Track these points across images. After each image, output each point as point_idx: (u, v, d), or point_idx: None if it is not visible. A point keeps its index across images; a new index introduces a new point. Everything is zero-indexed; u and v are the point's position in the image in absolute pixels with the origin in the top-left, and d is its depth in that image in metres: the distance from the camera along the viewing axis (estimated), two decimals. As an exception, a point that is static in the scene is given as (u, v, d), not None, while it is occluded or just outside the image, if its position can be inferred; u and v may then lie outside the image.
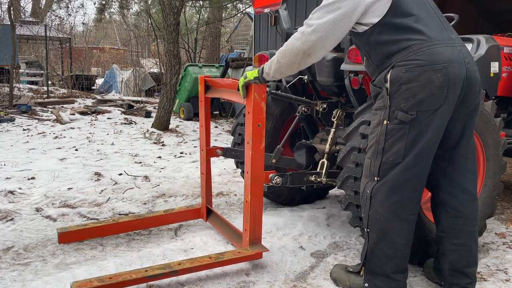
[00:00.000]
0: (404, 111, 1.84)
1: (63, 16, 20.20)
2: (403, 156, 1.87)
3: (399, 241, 1.95)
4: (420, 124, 1.84)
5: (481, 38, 3.36)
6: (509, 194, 4.03)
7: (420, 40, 1.83)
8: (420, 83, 1.80)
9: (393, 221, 1.93)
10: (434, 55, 1.81)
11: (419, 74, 1.80)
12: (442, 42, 1.85)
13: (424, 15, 1.89)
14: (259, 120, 2.25)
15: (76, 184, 3.93)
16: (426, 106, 1.82)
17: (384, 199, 1.92)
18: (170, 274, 2.15)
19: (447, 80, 1.81)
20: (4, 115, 7.66)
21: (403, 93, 1.83)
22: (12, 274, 2.28)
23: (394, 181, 1.90)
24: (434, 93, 1.81)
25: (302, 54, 1.90)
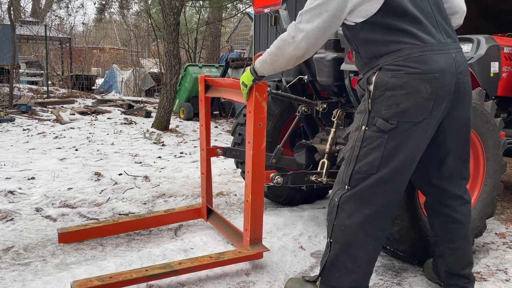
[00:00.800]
0: (384, 118, 1.72)
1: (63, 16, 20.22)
2: (377, 167, 1.75)
3: (362, 256, 1.84)
4: (400, 136, 1.72)
5: (481, 38, 3.36)
6: (509, 194, 4.03)
7: (411, 45, 1.71)
8: (406, 92, 1.69)
9: (359, 235, 1.81)
10: (425, 63, 1.69)
11: (407, 81, 1.69)
12: (436, 48, 1.74)
13: (420, 14, 1.76)
14: (260, 119, 2.25)
15: (76, 184, 3.93)
16: (409, 117, 1.70)
17: (353, 211, 1.81)
18: (170, 274, 2.15)
19: (435, 92, 1.70)
20: (4, 115, 7.66)
21: (386, 99, 1.72)
22: (12, 274, 2.28)
23: (365, 194, 1.79)
24: (420, 105, 1.69)
25: (295, 58, 1.87)
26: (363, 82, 1.84)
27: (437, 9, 1.84)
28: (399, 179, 1.80)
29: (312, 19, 1.76)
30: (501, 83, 3.38)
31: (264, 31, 8.24)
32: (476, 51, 3.30)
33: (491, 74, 3.29)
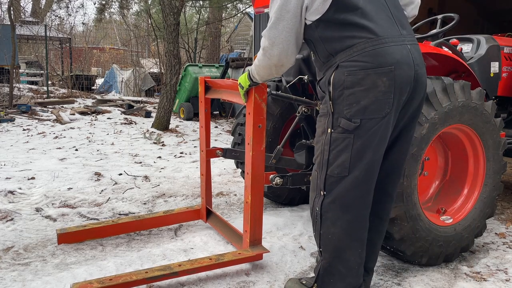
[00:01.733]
0: (347, 118, 1.70)
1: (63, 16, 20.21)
2: (348, 169, 1.74)
3: (353, 260, 1.86)
4: (366, 133, 1.70)
5: (481, 38, 3.36)
6: (509, 194, 4.03)
7: (365, 39, 1.67)
8: (364, 88, 1.66)
9: (346, 240, 1.82)
10: (379, 57, 1.66)
11: (363, 77, 1.66)
12: (391, 40, 1.70)
13: (371, 8, 1.72)
14: (260, 121, 2.25)
15: (76, 184, 3.93)
16: (371, 113, 1.68)
17: (336, 218, 1.80)
18: (170, 276, 2.16)
19: (393, 84, 1.67)
20: (4, 115, 7.66)
21: (346, 98, 1.69)
22: (12, 274, 2.28)
23: (345, 199, 1.78)
24: (379, 99, 1.67)
25: (274, 67, 1.87)
26: (323, 83, 1.81)
27: (391, 1, 1.82)
28: (372, 177, 1.80)
29: (276, 24, 1.77)
30: (501, 83, 3.38)
31: (264, 31, 8.22)
32: (476, 51, 3.31)
33: (491, 74, 3.30)
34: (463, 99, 2.42)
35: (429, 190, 2.79)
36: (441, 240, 2.44)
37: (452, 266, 2.54)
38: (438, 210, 2.64)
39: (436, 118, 2.30)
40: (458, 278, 2.40)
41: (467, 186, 2.68)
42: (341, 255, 1.84)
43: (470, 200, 2.65)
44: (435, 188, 2.79)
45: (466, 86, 2.46)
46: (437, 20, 3.23)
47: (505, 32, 3.90)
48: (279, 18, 1.76)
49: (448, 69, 2.85)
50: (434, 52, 2.60)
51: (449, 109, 2.35)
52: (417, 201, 2.34)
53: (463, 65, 2.76)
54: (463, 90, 2.44)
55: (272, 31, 1.77)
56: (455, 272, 2.47)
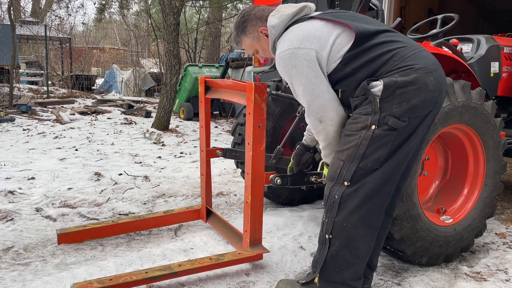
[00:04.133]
0: (396, 116, 1.74)
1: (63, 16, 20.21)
2: (382, 162, 1.78)
3: (363, 247, 1.88)
4: (408, 131, 1.77)
5: (481, 38, 3.36)
6: (509, 194, 4.03)
7: (401, 48, 1.79)
8: (416, 87, 1.73)
9: (361, 228, 1.84)
10: (422, 59, 1.77)
11: (416, 77, 1.73)
12: (417, 47, 1.83)
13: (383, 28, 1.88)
14: (260, 121, 2.25)
15: (76, 184, 3.93)
16: (419, 111, 1.76)
17: (356, 207, 1.82)
18: (170, 276, 2.15)
19: (438, 83, 1.77)
20: (4, 115, 7.66)
21: (397, 97, 1.74)
22: (12, 274, 2.28)
23: (370, 189, 1.80)
24: (428, 97, 1.75)
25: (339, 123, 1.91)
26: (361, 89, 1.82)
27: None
28: (399, 170, 1.85)
29: (312, 92, 1.84)
30: (501, 83, 3.39)
31: (264, 31, 8.22)
32: (476, 51, 3.31)
33: (491, 74, 3.30)
34: (463, 99, 2.42)
35: (429, 190, 2.78)
36: (441, 240, 2.44)
37: (452, 266, 2.54)
38: (438, 210, 2.64)
39: (436, 118, 2.30)
40: (458, 278, 2.40)
41: (467, 186, 2.68)
42: (352, 244, 1.86)
43: (470, 200, 2.65)
44: (435, 188, 2.79)
45: (466, 86, 2.46)
46: (437, 20, 3.23)
47: (505, 32, 3.90)
48: (314, 87, 1.83)
49: (448, 69, 2.85)
50: (434, 52, 2.59)
51: (449, 109, 2.35)
52: (417, 201, 2.34)
53: (463, 65, 2.76)
54: (463, 90, 2.44)
55: (314, 101, 1.85)
56: (455, 272, 2.47)
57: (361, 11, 2.51)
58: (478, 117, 2.51)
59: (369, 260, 2.07)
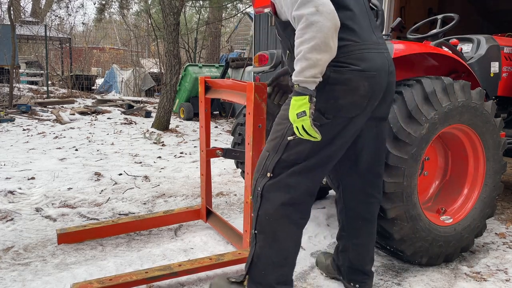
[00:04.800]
0: (321, 112, 1.68)
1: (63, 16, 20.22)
2: (304, 157, 1.73)
3: (289, 245, 1.83)
4: (332, 130, 1.72)
5: (481, 38, 3.36)
6: (509, 194, 4.03)
7: (353, 42, 1.68)
8: (346, 88, 1.67)
9: (283, 222, 1.79)
10: (366, 61, 1.68)
11: (349, 78, 1.67)
12: (373, 47, 1.72)
13: (358, 12, 1.71)
14: (260, 121, 2.25)
15: (76, 184, 3.93)
16: (344, 112, 1.70)
17: (277, 200, 1.77)
18: (170, 276, 2.16)
19: (371, 90, 1.70)
20: (4, 115, 7.66)
21: (325, 93, 1.67)
22: (12, 274, 2.28)
23: (289, 181, 1.76)
24: (356, 101, 1.69)
25: (335, 31, 1.58)
26: None
27: (368, 8, 1.81)
28: (322, 169, 1.80)
29: None
30: (501, 83, 3.38)
31: (264, 31, 8.24)
32: (476, 51, 3.31)
33: (491, 74, 3.29)
34: (463, 99, 2.42)
35: (429, 190, 2.78)
36: (441, 240, 2.44)
37: (452, 266, 2.54)
38: (438, 210, 2.64)
39: (436, 118, 2.31)
40: (458, 278, 2.40)
41: (467, 186, 2.68)
42: (276, 240, 1.80)
43: (470, 200, 2.65)
44: (435, 188, 2.79)
45: (466, 86, 2.46)
46: (437, 20, 3.23)
47: (505, 32, 3.90)
48: None
49: (448, 69, 2.85)
50: (434, 52, 2.59)
51: (449, 109, 2.35)
52: (417, 201, 2.34)
53: (463, 65, 2.76)
54: (463, 90, 2.44)
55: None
56: (455, 272, 2.47)
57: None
58: (478, 117, 2.51)
59: (360, 266, 2.09)
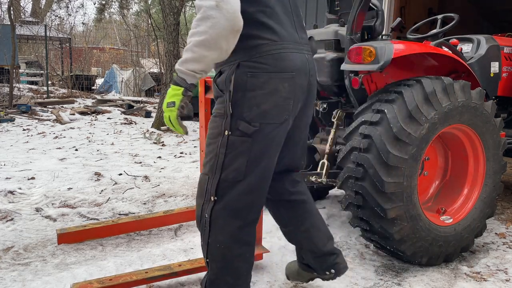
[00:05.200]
0: (246, 121, 1.59)
1: (63, 16, 20.23)
2: (244, 173, 1.63)
3: (242, 266, 1.75)
4: (264, 138, 1.63)
5: (481, 38, 3.36)
6: (509, 194, 4.03)
7: (270, 41, 1.59)
8: (266, 92, 1.58)
9: (235, 248, 1.70)
10: (282, 61, 1.60)
11: (266, 81, 1.58)
12: (293, 47, 1.64)
13: (280, 10, 1.63)
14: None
15: (76, 184, 3.93)
16: (271, 118, 1.61)
17: (225, 225, 1.67)
18: (170, 276, 2.16)
19: (293, 91, 1.63)
20: (4, 115, 7.66)
21: (247, 101, 1.58)
22: (12, 274, 2.28)
23: (236, 204, 1.66)
24: (280, 104, 1.61)
25: (231, 33, 1.49)
26: (221, 82, 1.65)
27: (295, 8, 1.75)
28: (265, 181, 1.72)
29: None
30: (501, 83, 3.38)
31: (264, 31, 8.22)
32: (476, 51, 3.31)
33: (491, 74, 3.29)
34: (463, 99, 2.42)
35: (429, 190, 2.78)
36: (441, 240, 2.44)
37: (452, 266, 2.54)
38: (438, 210, 2.64)
39: (436, 118, 2.31)
40: (458, 278, 2.40)
41: (467, 186, 2.68)
42: (229, 265, 1.72)
43: (470, 200, 2.65)
44: (435, 188, 2.79)
45: (466, 86, 2.46)
46: (437, 20, 3.23)
47: (505, 32, 3.90)
48: None
49: (448, 69, 2.85)
50: (434, 52, 2.59)
51: (449, 109, 2.35)
52: (417, 201, 2.34)
53: (463, 65, 2.76)
54: (463, 90, 2.44)
55: None
56: (455, 272, 2.47)
57: (361, 11, 2.52)
58: (478, 117, 2.51)
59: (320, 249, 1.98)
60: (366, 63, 2.40)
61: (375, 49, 2.37)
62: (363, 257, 2.62)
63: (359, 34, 2.59)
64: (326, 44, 2.76)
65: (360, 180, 2.28)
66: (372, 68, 2.38)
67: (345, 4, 3.03)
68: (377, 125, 2.27)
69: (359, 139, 2.33)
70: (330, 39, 2.75)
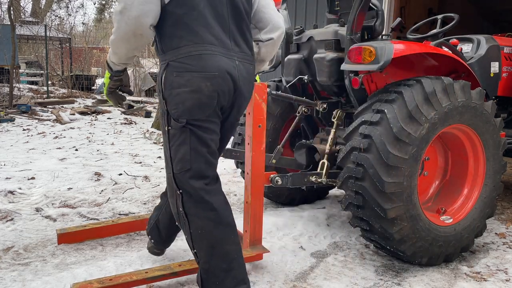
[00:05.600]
0: (174, 118, 1.74)
1: (63, 16, 20.24)
2: (189, 162, 1.77)
3: (230, 248, 1.83)
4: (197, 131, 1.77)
5: (481, 38, 3.36)
6: (509, 194, 4.03)
7: (193, 43, 1.71)
8: (189, 90, 1.71)
9: (216, 229, 1.80)
10: (204, 62, 1.71)
11: (189, 79, 1.71)
12: (217, 50, 1.74)
13: (209, 15, 1.74)
14: (260, 121, 2.25)
15: (76, 184, 3.93)
16: (196, 114, 1.74)
17: (198, 211, 1.80)
18: (170, 276, 2.16)
19: (216, 90, 1.74)
20: (4, 115, 7.66)
21: (174, 98, 1.73)
22: (12, 274, 2.28)
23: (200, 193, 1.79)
24: (203, 102, 1.73)
25: (133, 36, 1.71)
26: (157, 80, 1.81)
27: (234, 15, 1.82)
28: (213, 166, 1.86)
29: None
30: (501, 83, 3.39)
31: (264, 31, 8.22)
32: (476, 51, 3.31)
33: (491, 74, 3.30)
34: (463, 99, 2.42)
35: (429, 190, 2.78)
36: (441, 240, 2.44)
37: (452, 266, 2.54)
38: (438, 210, 2.64)
39: (436, 118, 2.31)
40: (458, 278, 2.40)
41: (467, 186, 2.68)
42: (216, 250, 1.81)
43: (470, 200, 2.65)
44: (435, 188, 2.79)
45: (466, 86, 2.46)
46: (437, 20, 3.23)
47: (505, 32, 3.91)
48: None
49: (448, 69, 2.85)
50: (434, 52, 2.60)
51: (449, 109, 2.35)
52: (417, 201, 2.34)
53: (463, 65, 2.76)
54: (463, 90, 2.44)
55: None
56: (455, 272, 2.47)
57: (361, 11, 2.52)
58: (478, 117, 2.51)
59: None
60: (366, 63, 2.40)
61: (375, 49, 2.37)
62: (363, 257, 2.62)
63: (359, 34, 2.59)
64: (326, 44, 2.76)
65: (360, 180, 2.28)
66: (372, 68, 2.38)
67: (345, 4, 3.03)
68: (377, 125, 2.27)
69: (359, 139, 2.33)
70: (330, 39, 2.75)
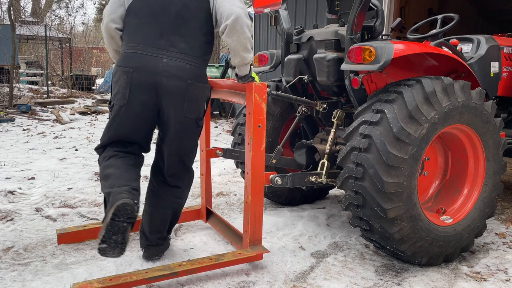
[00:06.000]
0: (109, 101, 2.25)
1: (63, 16, 20.23)
2: (108, 127, 2.25)
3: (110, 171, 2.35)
4: (118, 113, 2.18)
5: (481, 38, 3.36)
6: (509, 194, 4.03)
7: (126, 44, 2.18)
8: (115, 80, 2.19)
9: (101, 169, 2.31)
10: (126, 59, 2.15)
11: (115, 72, 2.19)
12: (142, 49, 2.12)
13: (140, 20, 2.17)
14: (260, 121, 2.25)
15: (76, 184, 3.93)
16: (117, 100, 2.17)
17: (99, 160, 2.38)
18: (170, 276, 2.16)
19: (129, 83, 2.11)
20: (4, 115, 7.66)
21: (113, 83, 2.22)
22: (12, 274, 2.28)
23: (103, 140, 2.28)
24: (121, 92, 2.14)
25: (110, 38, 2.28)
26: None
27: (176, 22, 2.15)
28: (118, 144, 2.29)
29: None
30: (501, 83, 3.39)
31: (264, 31, 8.25)
32: (476, 51, 3.31)
33: (491, 74, 3.30)
34: (463, 99, 2.42)
35: (429, 190, 2.79)
36: (441, 240, 2.44)
37: (452, 266, 2.54)
38: (438, 210, 2.64)
39: (436, 118, 2.31)
40: (458, 278, 2.40)
41: (467, 186, 2.68)
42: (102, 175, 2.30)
43: (470, 200, 2.65)
44: (435, 188, 2.79)
45: (466, 86, 2.46)
46: (437, 20, 3.23)
47: (505, 32, 3.91)
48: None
49: (448, 69, 2.85)
50: (434, 52, 2.59)
51: (449, 109, 2.35)
52: (417, 201, 2.34)
53: (463, 65, 2.76)
54: (463, 90, 2.44)
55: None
56: (455, 272, 2.47)
57: (361, 11, 2.52)
58: (478, 117, 2.51)
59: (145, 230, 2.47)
60: (366, 63, 2.40)
61: (375, 49, 2.37)
62: (363, 257, 2.62)
63: (359, 34, 2.59)
64: (326, 44, 2.76)
65: (360, 180, 2.28)
66: (372, 68, 2.38)
67: (345, 4, 3.03)
68: (377, 125, 2.27)
69: (359, 139, 2.33)
70: (330, 39, 2.75)
